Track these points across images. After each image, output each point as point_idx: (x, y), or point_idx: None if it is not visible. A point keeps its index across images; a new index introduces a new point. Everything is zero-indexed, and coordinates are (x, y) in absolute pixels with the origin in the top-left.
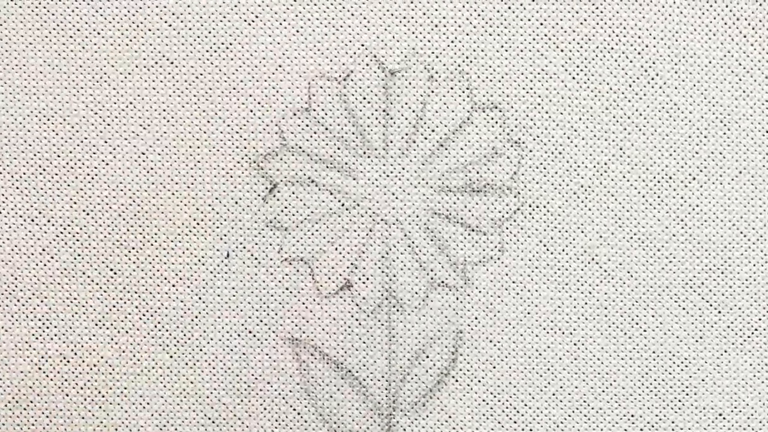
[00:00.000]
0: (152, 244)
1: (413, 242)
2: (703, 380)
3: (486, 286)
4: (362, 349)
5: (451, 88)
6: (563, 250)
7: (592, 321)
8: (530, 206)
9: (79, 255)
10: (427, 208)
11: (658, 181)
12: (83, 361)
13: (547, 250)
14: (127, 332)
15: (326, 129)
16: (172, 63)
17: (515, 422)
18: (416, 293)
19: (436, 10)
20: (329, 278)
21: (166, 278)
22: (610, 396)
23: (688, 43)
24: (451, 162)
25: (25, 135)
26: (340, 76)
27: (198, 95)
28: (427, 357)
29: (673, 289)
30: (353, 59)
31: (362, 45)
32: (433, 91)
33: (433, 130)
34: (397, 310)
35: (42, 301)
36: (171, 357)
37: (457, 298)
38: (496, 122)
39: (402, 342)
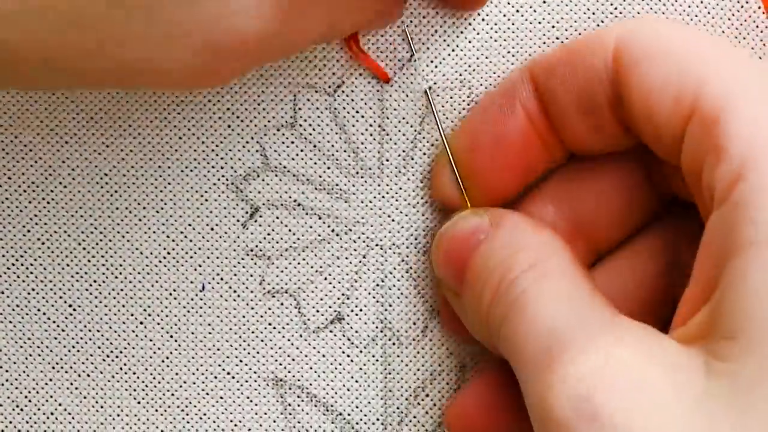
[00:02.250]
0: (116, 276)
1: (411, 268)
2: None
3: None
4: (355, 389)
5: (452, 99)
6: None
7: None
8: None
9: (33, 289)
10: (427, 229)
11: None
12: (39, 409)
13: None
14: (88, 375)
15: (314, 146)
16: None
17: None
18: (414, 325)
19: (437, 13)
20: (317, 311)
21: (132, 314)
22: None
23: None
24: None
25: None
26: (329, 87)
27: (168, 108)
28: (428, 396)
29: None
30: (344, 68)
31: None
32: (432, 104)
33: (432, 145)
34: (394, 344)
35: None
36: (139, 403)
37: None
38: None
39: (399, 380)
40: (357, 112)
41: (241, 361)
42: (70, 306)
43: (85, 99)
